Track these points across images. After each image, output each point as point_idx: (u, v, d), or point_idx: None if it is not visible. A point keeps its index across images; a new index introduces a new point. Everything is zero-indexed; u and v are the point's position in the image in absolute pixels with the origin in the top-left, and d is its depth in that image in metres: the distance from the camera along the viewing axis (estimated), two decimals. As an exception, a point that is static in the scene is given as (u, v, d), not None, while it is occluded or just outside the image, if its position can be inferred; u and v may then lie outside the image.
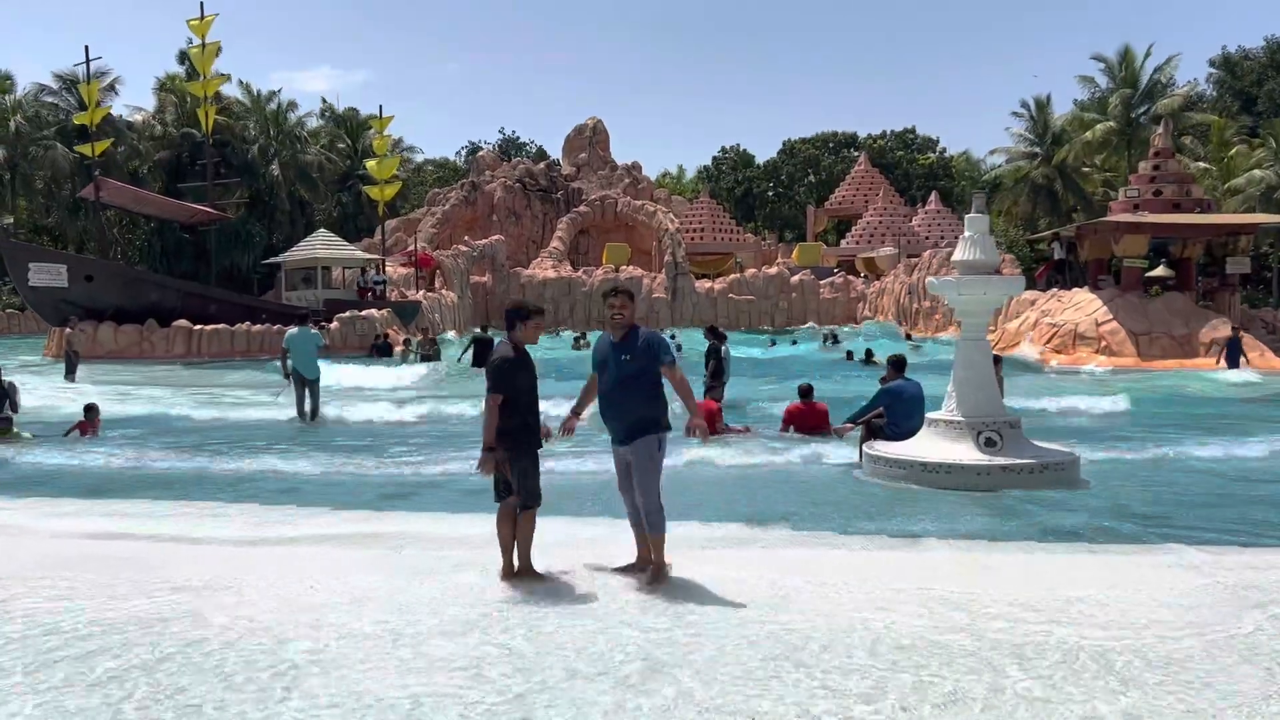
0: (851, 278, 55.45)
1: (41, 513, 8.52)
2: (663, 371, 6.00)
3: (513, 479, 5.88)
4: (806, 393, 13.54)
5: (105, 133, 43.91)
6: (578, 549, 6.70)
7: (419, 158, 76.41)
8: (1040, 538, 7.59)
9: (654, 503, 5.92)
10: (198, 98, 43.49)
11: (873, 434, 11.31)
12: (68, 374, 23.65)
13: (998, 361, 12.23)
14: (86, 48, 35.74)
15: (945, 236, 56.90)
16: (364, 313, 34.33)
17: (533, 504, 5.91)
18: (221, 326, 32.60)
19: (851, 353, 30.01)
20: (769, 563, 6.43)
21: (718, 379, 15.23)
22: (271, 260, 42.92)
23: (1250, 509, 8.83)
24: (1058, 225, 45.99)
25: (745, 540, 7.29)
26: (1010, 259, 46.10)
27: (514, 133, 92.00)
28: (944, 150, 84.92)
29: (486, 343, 23.12)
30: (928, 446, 10.09)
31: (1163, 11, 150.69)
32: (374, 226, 52.81)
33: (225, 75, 45.83)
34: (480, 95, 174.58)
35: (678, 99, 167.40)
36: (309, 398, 16.17)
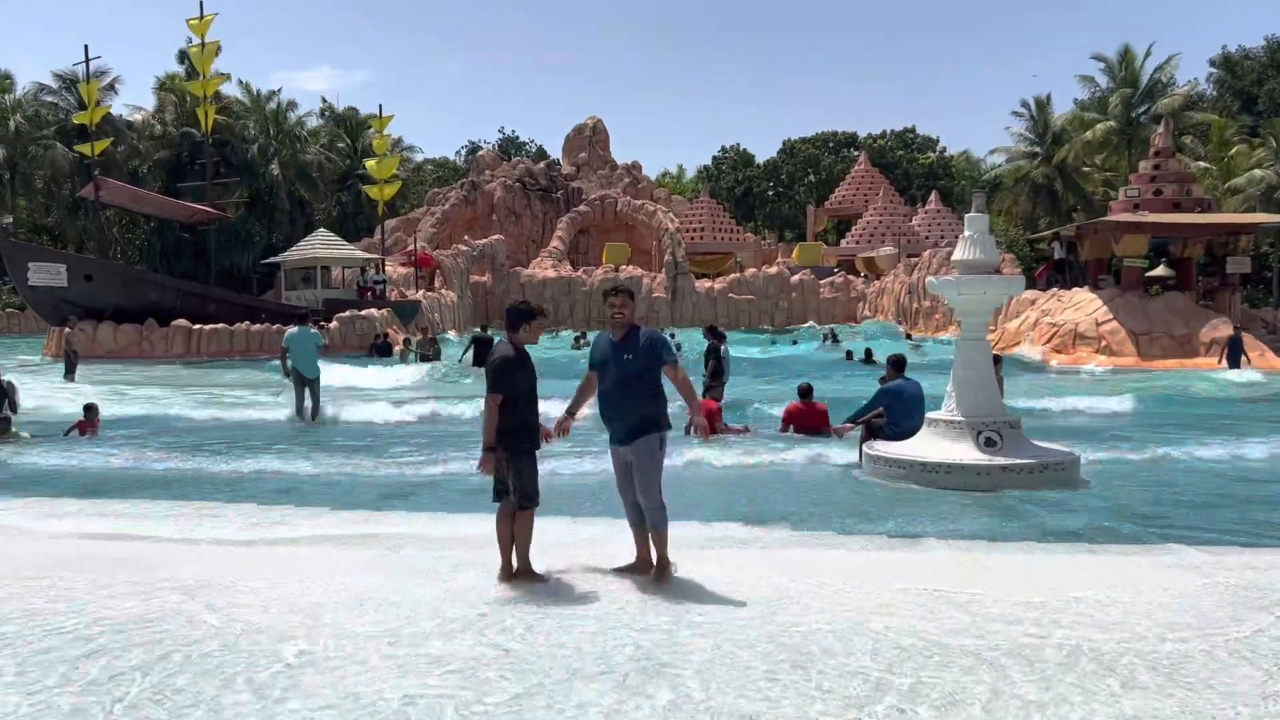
0: (851, 277, 55.48)
1: (40, 513, 8.51)
2: (665, 370, 6.01)
3: (509, 479, 5.87)
4: (806, 393, 13.53)
5: (105, 132, 43.91)
6: (577, 549, 6.69)
7: (419, 157, 76.51)
8: (1040, 538, 7.59)
9: (656, 501, 5.95)
10: (197, 97, 43.52)
11: (872, 434, 11.30)
12: (67, 373, 23.65)
13: (997, 361, 12.22)
14: (86, 47, 35.72)
15: (945, 236, 56.94)
16: (363, 312, 34.35)
17: (529, 505, 5.89)
18: (221, 326, 32.61)
19: (851, 352, 30.00)
20: (769, 563, 6.42)
21: (717, 379, 15.22)
22: (271, 260, 42.93)
23: (1251, 509, 8.82)
24: (1058, 225, 45.99)
25: (745, 540, 7.27)
26: (1010, 258, 46.11)
27: (514, 132, 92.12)
28: (944, 150, 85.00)
29: (486, 342, 23.12)
30: (927, 446, 10.08)
31: (1163, 11, 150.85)
32: (374, 226, 52.82)
33: (225, 75, 45.87)
34: (480, 95, 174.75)
35: (678, 98, 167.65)
36: (309, 397, 16.24)
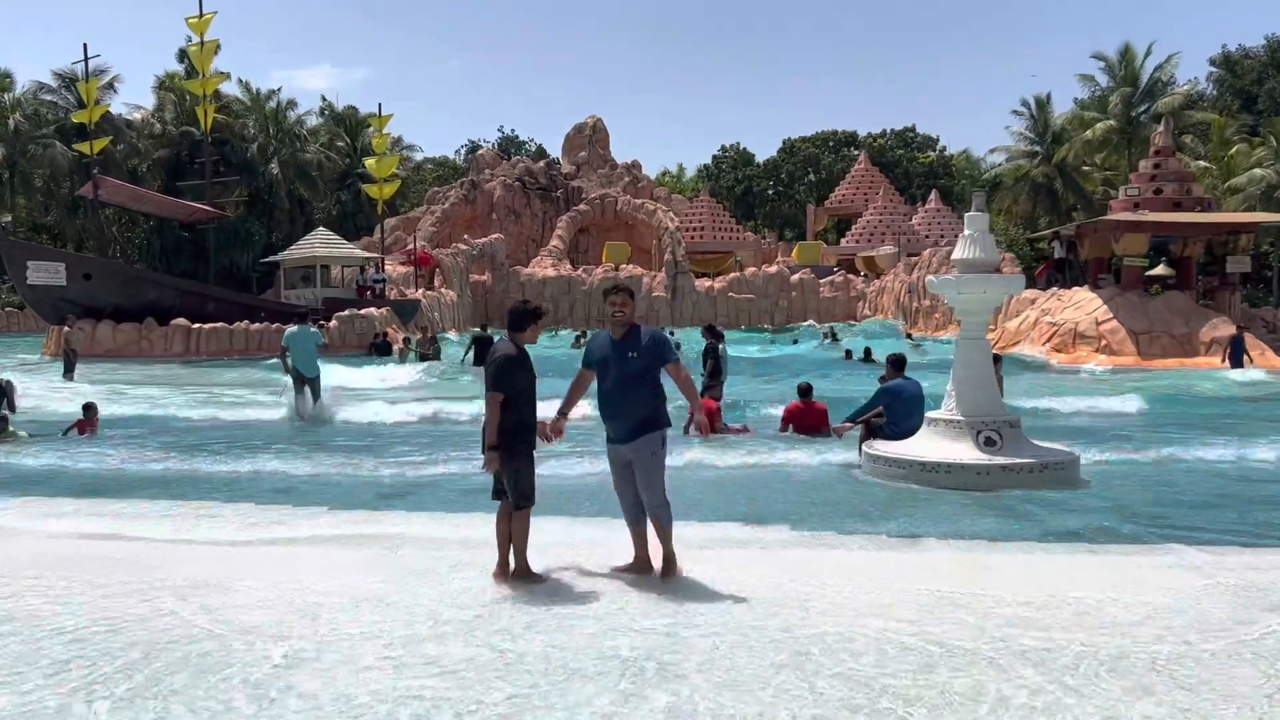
0: (851, 276, 55.46)
1: (37, 512, 8.49)
2: (667, 369, 6.03)
3: (505, 479, 5.85)
4: (805, 392, 13.51)
5: (104, 131, 43.87)
6: (575, 549, 6.67)
7: (418, 156, 76.45)
8: (1040, 538, 7.57)
9: (660, 499, 5.98)
10: (196, 96, 43.51)
11: (872, 433, 11.29)
12: (66, 372, 23.63)
13: (997, 360, 12.20)
14: (85, 46, 35.61)
15: (945, 235, 56.91)
16: (363, 311, 34.32)
17: (526, 504, 5.87)
18: (220, 325, 32.59)
19: (850, 351, 30.00)
20: (768, 563, 6.41)
21: (715, 378, 15.21)
22: (270, 259, 42.90)
23: (1253, 510, 8.80)
24: (1058, 224, 45.97)
25: (744, 540, 7.26)
26: (1010, 258, 46.09)
27: (513, 131, 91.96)
28: (944, 149, 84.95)
29: (487, 341, 23.09)
30: (927, 446, 10.05)
31: (1163, 10, 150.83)
32: (373, 225, 52.77)
33: (224, 74, 45.81)
34: (480, 94, 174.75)
35: (677, 98, 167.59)
36: (309, 396, 16.27)
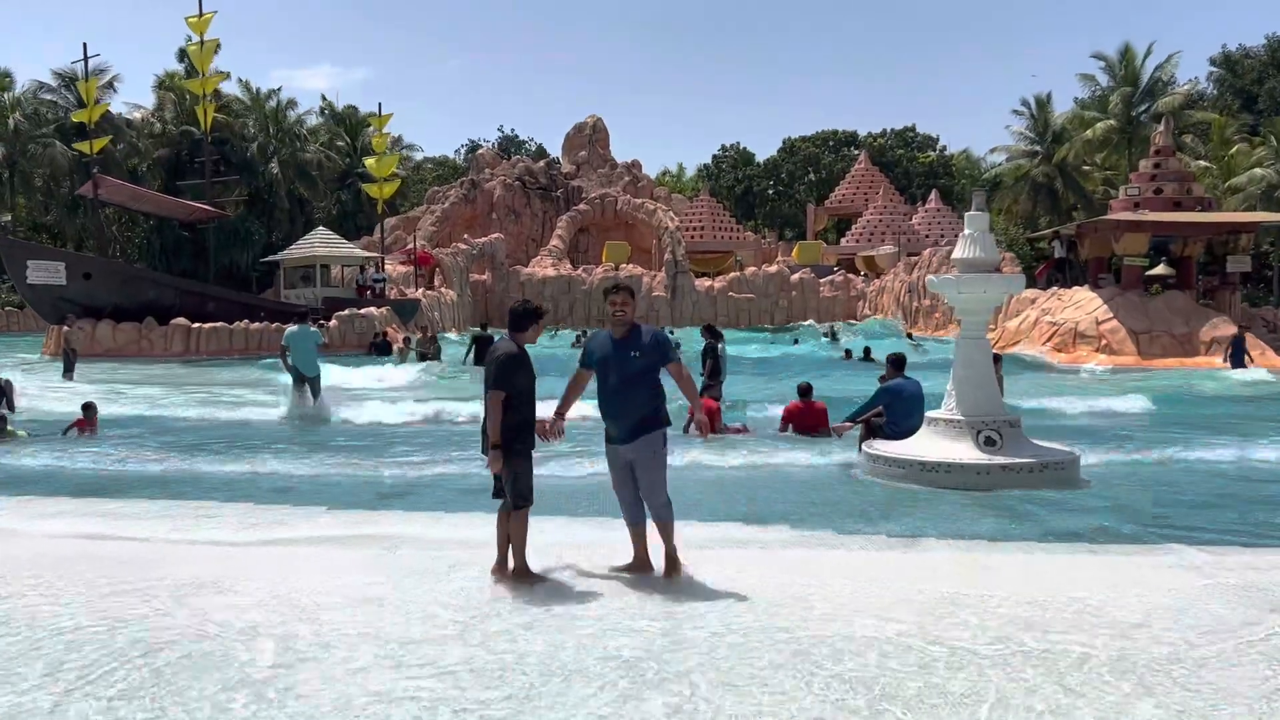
0: (851, 276, 55.44)
1: (35, 512, 8.46)
2: (668, 369, 6.02)
3: (504, 478, 5.84)
4: (805, 391, 13.49)
5: (104, 130, 43.83)
6: (574, 549, 6.65)
7: (418, 156, 76.46)
8: (1040, 538, 7.56)
9: (663, 498, 5.99)
10: (196, 95, 43.46)
11: (872, 433, 11.28)
12: (65, 372, 23.60)
13: (997, 360, 12.18)
14: (85, 45, 35.66)
15: (945, 235, 56.90)
16: (363, 311, 34.29)
17: (524, 504, 5.86)
18: (220, 324, 32.56)
19: (850, 351, 29.99)
20: (768, 563, 6.39)
21: (715, 377, 15.21)
22: (270, 258, 42.89)
23: (1253, 510, 8.79)
24: (1058, 224, 45.96)
25: (744, 540, 7.24)
26: (1010, 257, 46.08)
27: (513, 131, 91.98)
28: (944, 148, 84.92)
29: (487, 341, 23.08)
30: (927, 445, 10.04)
31: (1163, 9, 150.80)
32: (373, 224, 52.75)
33: (224, 73, 45.78)
34: (480, 93, 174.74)
35: (677, 97, 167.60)
36: (309, 395, 16.34)
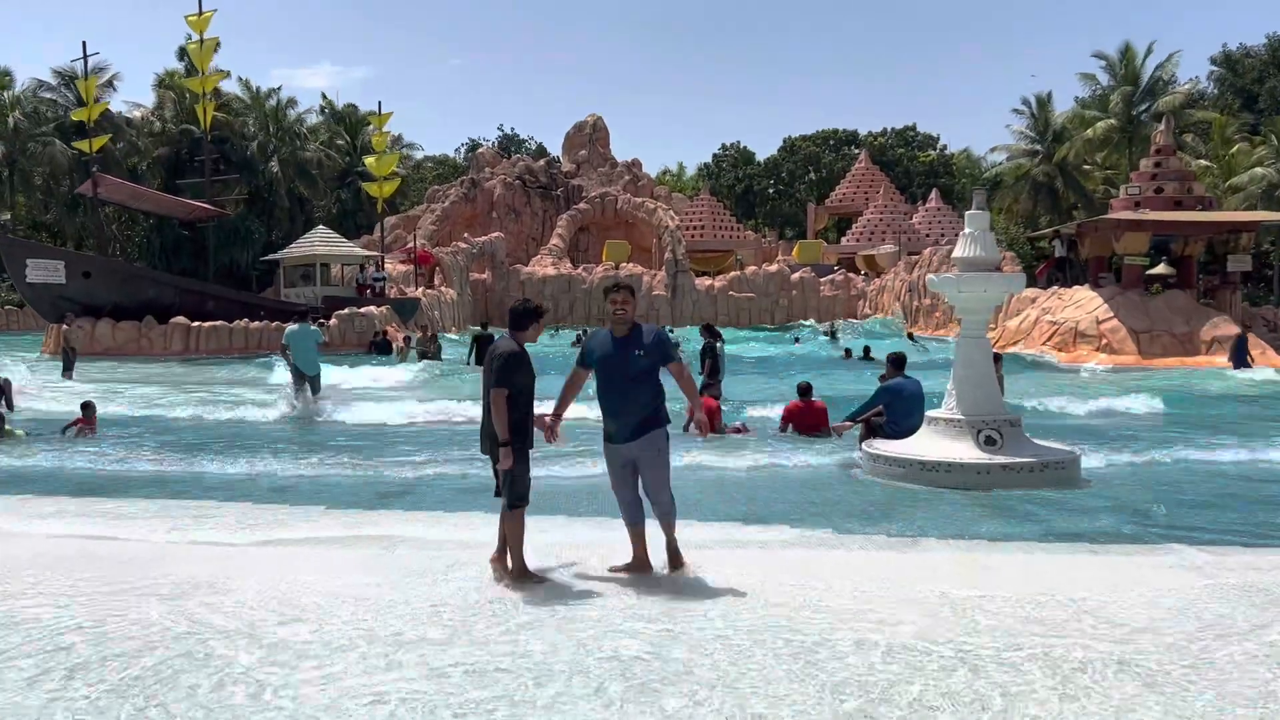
0: (852, 275, 55.42)
1: (33, 511, 8.45)
2: (669, 368, 6.02)
3: (501, 478, 5.82)
4: (805, 391, 13.47)
5: (103, 129, 43.82)
6: (573, 549, 6.63)
7: (419, 154, 76.46)
8: (1041, 537, 7.55)
9: (667, 494, 6.02)
10: (196, 94, 43.41)
11: (872, 432, 11.26)
12: (65, 371, 23.59)
13: (998, 359, 12.17)
14: (84, 44, 35.54)
15: (945, 234, 56.89)
16: (363, 310, 34.27)
17: (520, 504, 5.84)
18: (219, 323, 32.56)
19: (850, 350, 29.98)
20: (768, 563, 6.37)
21: (714, 377, 15.21)
22: (270, 257, 42.89)
23: (1254, 510, 8.77)
24: (1058, 223, 45.93)
25: (744, 540, 7.22)
26: (1011, 256, 46.06)
27: (513, 130, 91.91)
28: (944, 148, 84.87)
29: (487, 340, 23.06)
30: (927, 445, 10.02)
31: (1164, 9, 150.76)
32: (373, 223, 52.72)
33: (224, 72, 45.71)
34: (480, 92, 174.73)
35: (678, 96, 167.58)
36: (308, 393, 16.39)
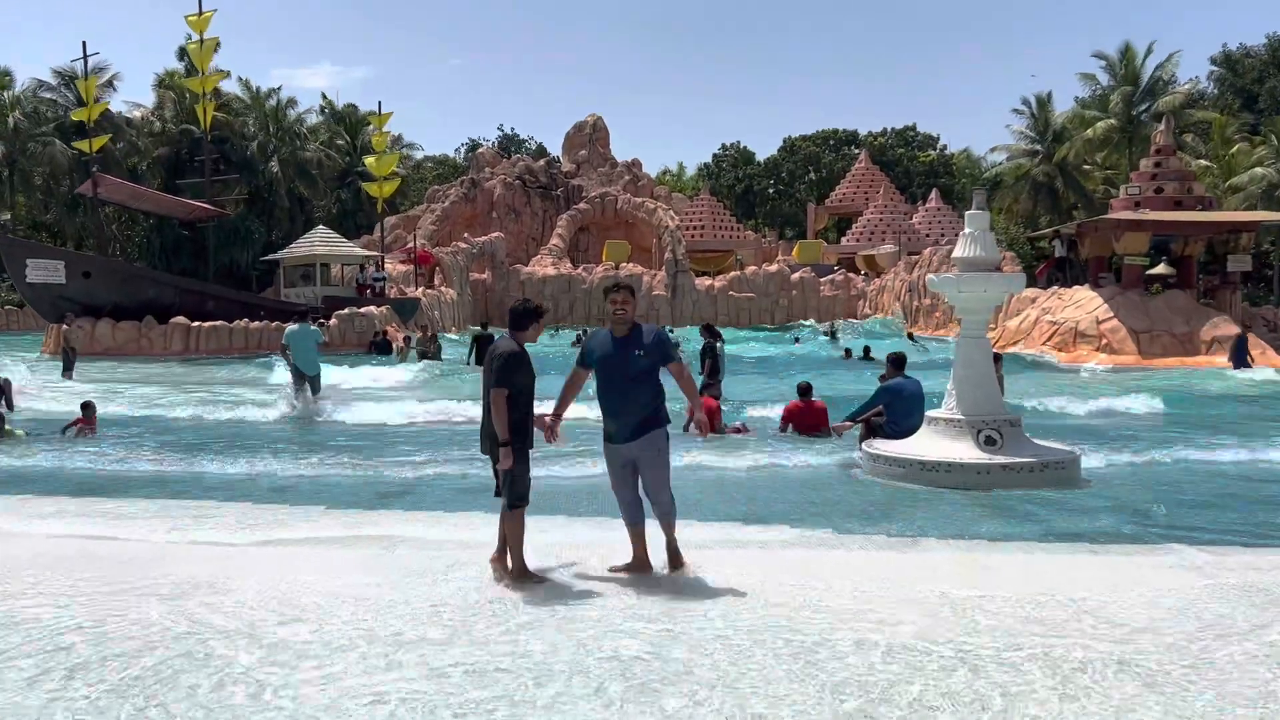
0: (852, 275, 55.40)
1: (33, 511, 8.44)
2: (669, 368, 6.02)
3: (500, 477, 5.81)
4: (805, 391, 13.46)
5: (103, 129, 43.80)
6: (573, 549, 6.63)
7: (419, 154, 76.43)
8: (1041, 537, 7.54)
9: (667, 493, 6.03)
10: (196, 94, 43.40)
11: (872, 432, 11.26)
12: (65, 370, 23.59)
13: (998, 359, 12.16)
14: (84, 43, 35.52)
15: (945, 234, 56.88)
16: (363, 310, 34.26)
17: (520, 504, 5.83)
18: (219, 323, 32.56)
19: (850, 350, 29.97)
20: (768, 563, 6.37)
21: (714, 377, 15.21)
22: (270, 257, 42.87)
23: (1254, 510, 8.76)
24: (1058, 223, 45.92)
25: (744, 540, 7.22)
26: (1011, 256, 46.04)
27: (513, 130, 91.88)
28: (944, 147, 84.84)
29: (488, 340, 23.05)
30: (927, 445, 10.01)
31: (1164, 9, 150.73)
32: (373, 223, 52.71)
33: (224, 72, 45.70)
34: (480, 93, 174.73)
35: (678, 96, 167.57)
36: (308, 393, 16.40)
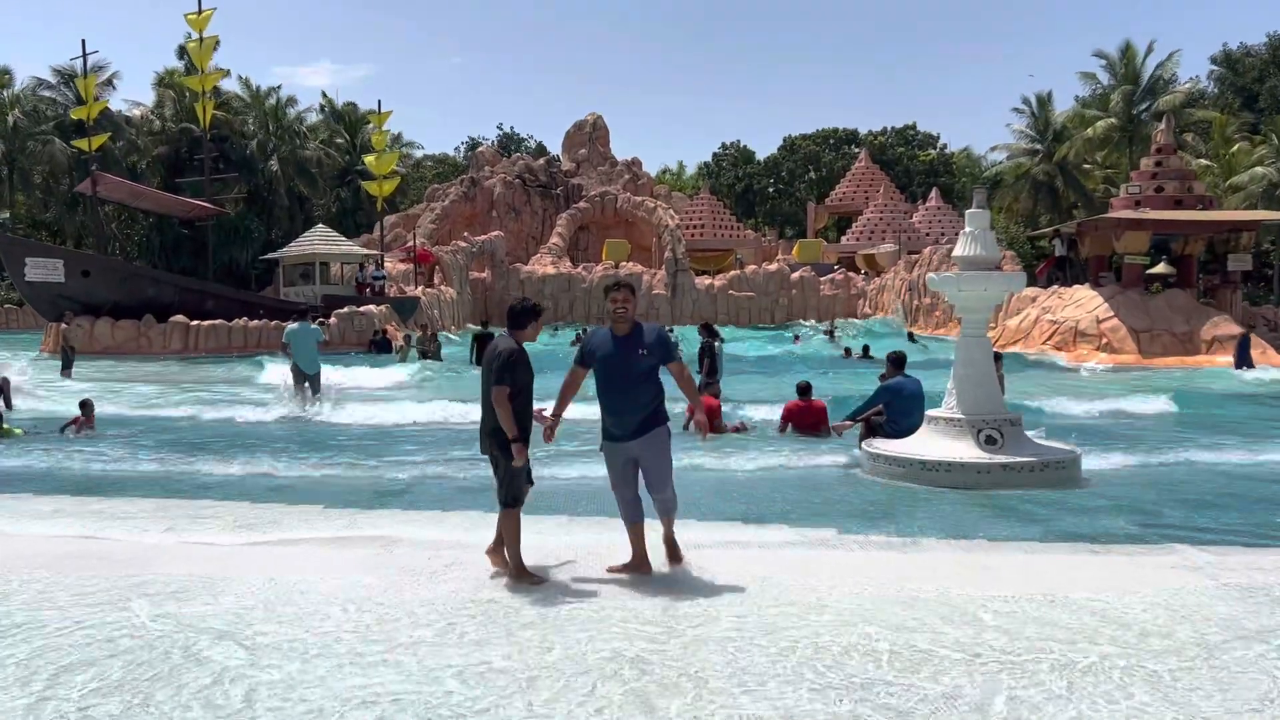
0: (852, 274, 55.36)
1: (29, 510, 8.43)
2: (669, 368, 6.02)
3: (498, 476, 5.79)
4: (804, 390, 13.45)
5: (103, 127, 43.78)
6: (572, 549, 6.62)
7: (418, 153, 76.38)
8: (1041, 537, 7.51)
9: (669, 489, 6.04)
10: (196, 92, 43.37)
11: (872, 432, 11.24)
12: (64, 369, 23.58)
13: (998, 358, 12.14)
14: (84, 42, 35.46)
15: (946, 233, 56.82)
16: (363, 309, 34.24)
17: (514, 504, 5.81)
18: (219, 322, 32.54)
19: (849, 349, 29.96)
20: (768, 563, 6.35)
21: (712, 376, 15.19)
22: (270, 256, 42.83)
23: (1256, 510, 8.74)
24: (1059, 222, 45.92)
25: (744, 540, 7.20)
26: (1011, 255, 46.01)
27: (513, 129, 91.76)
28: (945, 146, 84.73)
29: (488, 339, 23.06)
30: (927, 444, 10.00)
31: (1164, 8, 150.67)
32: (373, 222, 52.68)
33: (224, 70, 45.69)
34: (480, 91, 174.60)
35: (677, 95, 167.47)
36: (308, 392, 16.40)
